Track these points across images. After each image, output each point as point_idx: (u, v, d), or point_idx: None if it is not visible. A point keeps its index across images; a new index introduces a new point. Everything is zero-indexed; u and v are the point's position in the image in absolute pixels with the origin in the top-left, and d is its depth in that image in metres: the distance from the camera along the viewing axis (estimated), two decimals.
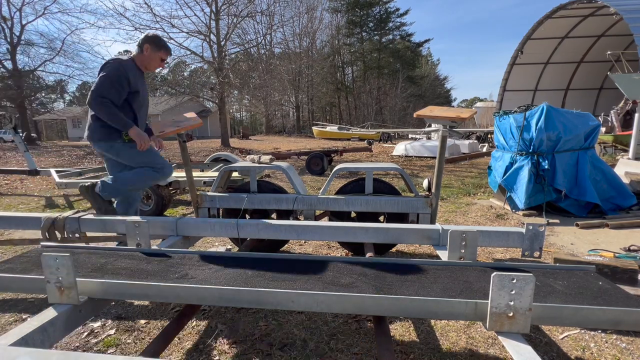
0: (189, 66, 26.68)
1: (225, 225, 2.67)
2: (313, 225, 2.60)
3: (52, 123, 42.72)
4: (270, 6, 20.22)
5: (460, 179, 8.35)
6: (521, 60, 17.64)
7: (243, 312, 2.48)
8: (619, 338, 2.14)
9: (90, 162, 13.27)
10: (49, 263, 1.49)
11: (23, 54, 20.88)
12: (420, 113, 2.86)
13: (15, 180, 8.68)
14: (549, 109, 4.83)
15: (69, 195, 6.94)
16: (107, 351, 2.08)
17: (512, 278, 1.31)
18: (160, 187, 5.00)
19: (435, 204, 3.01)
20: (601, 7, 13.60)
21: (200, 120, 2.89)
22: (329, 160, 10.19)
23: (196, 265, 1.96)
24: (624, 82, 7.24)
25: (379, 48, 44.96)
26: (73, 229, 2.71)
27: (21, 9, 19.88)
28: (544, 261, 3.05)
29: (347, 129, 27.35)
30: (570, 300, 1.53)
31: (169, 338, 1.66)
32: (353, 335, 2.19)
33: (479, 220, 4.86)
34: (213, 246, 3.85)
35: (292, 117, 45.87)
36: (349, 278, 1.77)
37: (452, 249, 2.06)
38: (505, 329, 1.36)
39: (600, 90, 19.01)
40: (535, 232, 2.26)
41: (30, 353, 0.98)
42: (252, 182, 3.30)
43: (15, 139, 7.44)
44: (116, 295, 1.64)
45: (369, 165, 3.39)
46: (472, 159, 12.84)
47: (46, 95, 38.01)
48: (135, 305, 2.60)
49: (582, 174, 4.80)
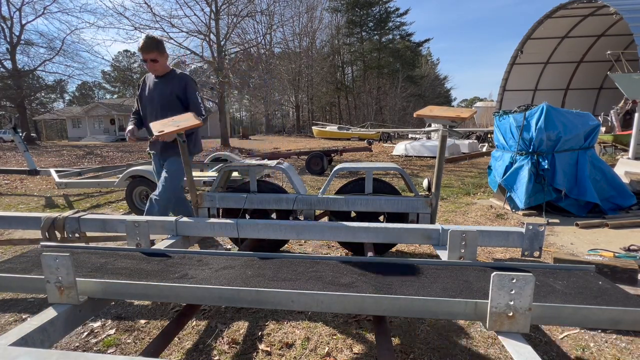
0: (188, 66, 26.69)
1: (225, 225, 2.67)
2: (313, 225, 2.60)
3: (52, 123, 42.71)
4: (270, 6, 20.25)
5: (460, 179, 8.35)
6: (521, 60, 17.64)
7: (243, 312, 2.48)
8: (618, 338, 2.14)
9: (90, 162, 13.27)
10: (49, 263, 1.49)
11: (23, 53, 20.91)
12: (420, 113, 2.85)
13: (15, 180, 8.69)
14: (548, 108, 4.83)
15: (68, 195, 6.94)
16: (107, 351, 2.08)
17: (512, 278, 1.31)
18: None
19: (435, 204, 3.01)
20: (601, 6, 13.59)
21: (200, 120, 2.88)
22: (329, 160, 10.19)
23: (196, 265, 1.96)
24: (623, 81, 7.23)
25: (378, 48, 44.96)
26: (73, 228, 2.71)
27: (21, 8, 19.89)
28: (543, 261, 3.05)
29: (347, 129, 27.33)
30: (570, 300, 1.53)
31: (168, 338, 1.66)
32: (353, 335, 2.20)
33: (479, 220, 4.86)
34: (213, 246, 3.85)
35: (292, 116, 45.88)
36: (349, 278, 1.77)
37: (452, 249, 2.06)
38: (505, 329, 1.36)
39: (600, 90, 19.01)
40: (535, 231, 2.26)
41: (30, 353, 0.98)
42: (252, 182, 3.30)
43: (15, 138, 7.44)
44: (116, 295, 1.65)
45: (369, 165, 3.39)
46: (472, 158, 12.84)
47: (46, 95, 38.05)
48: (135, 305, 2.60)
49: (582, 174, 4.80)
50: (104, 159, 13.97)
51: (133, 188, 5.16)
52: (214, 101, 19.57)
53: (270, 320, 2.38)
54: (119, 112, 32.11)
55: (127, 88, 50.76)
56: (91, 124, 34.28)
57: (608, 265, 2.69)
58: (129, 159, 13.27)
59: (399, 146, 14.41)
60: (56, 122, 42.11)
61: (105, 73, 49.25)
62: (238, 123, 51.33)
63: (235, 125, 46.48)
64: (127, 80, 46.15)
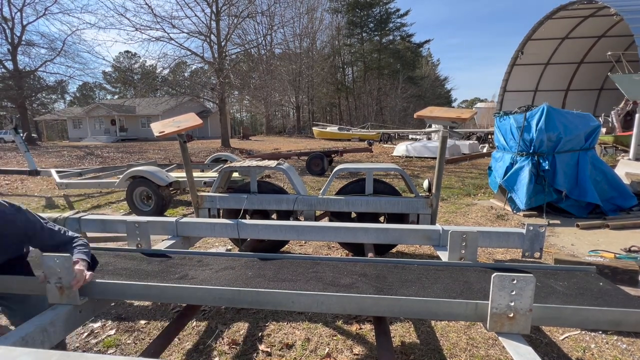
0: (189, 67, 26.75)
1: (226, 225, 2.67)
2: (313, 225, 2.60)
3: (53, 123, 42.75)
4: (271, 7, 20.26)
5: (461, 180, 8.35)
6: (521, 61, 17.62)
7: (243, 313, 2.48)
8: (619, 339, 2.13)
9: (90, 163, 13.28)
10: (49, 263, 1.49)
11: (24, 54, 20.92)
12: (421, 114, 2.86)
13: (15, 180, 8.69)
14: (549, 109, 4.83)
15: (69, 195, 6.94)
16: (107, 351, 2.08)
17: (512, 279, 1.30)
18: (160, 188, 5.01)
19: (435, 205, 3.00)
20: (602, 7, 13.58)
21: (201, 121, 2.89)
22: (329, 161, 10.20)
23: (196, 266, 1.96)
24: (624, 82, 7.23)
25: (379, 49, 44.97)
26: (73, 229, 2.71)
27: (22, 9, 19.91)
28: (544, 262, 3.05)
29: (347, 130, 27.32)
30: (571, 301, 1.53)
31: (169, 338, 1.66)
32: (353, 336, 2.19)
33: (480, 221, 4.86)
34: (213, 247, 3.85)
35: (292, 117, 45.88)
36: (349, 278, 1.77)
37: (453, 250, 2.06)
38: (505, 330, 1.36)
39: (601, 90, 18.98)
40: (536, 232, 2.26)
41: (30, 353, 0.97)
42: (253, 182, 3.30)
43: (15, 139, 7.45)
44: (116, 296, 1.64)
45: (369, 165, 3.39)
46: (472, 159, 12.83)
47: (47, 96, 38.12)
48: (135, 305, 2.60)
49: (583, 175, 4.80)
50: (104, 160, 13.98)
51: (133, 189, 5.16)
52: (215, 102, 19.58)
53: (270, 321, 2.38)
54: (120, 113, 32.17)
55: (127, 89, 50.86)
56: (92, 125, 34.33)
57: (609, 266, 2.69)
58: (130, 160, 13.29)
59: (400, 147, 14.40)
60: (57, 122, 42.17)
61: (106, 74, 49.36)
62: (238, 123, 51.32)
63: (236, 125, 46.50)
64: (128, 81, 46.21)
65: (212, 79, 17.30)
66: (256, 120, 56.73)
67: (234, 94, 24.06)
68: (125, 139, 29.77)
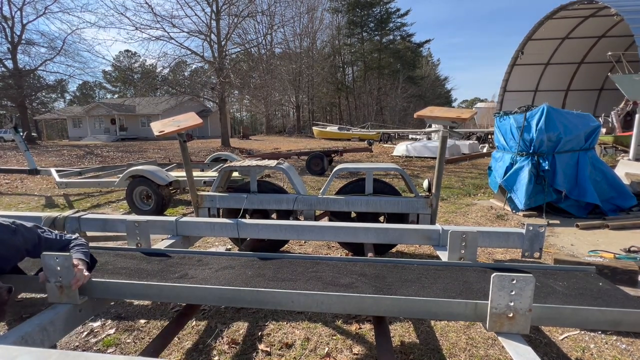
0: (189, 66, 26.72)
1: (226, 225, 2.67)
2: (313, 225, 2.60)
3: (53, 122, 42.72)
4: (271, 6, 20.27)
5: (461, 180, 8.35)
6: (522, 61, 17.62)
7: (243, 312, 2.48)
8: (619, 339, 2.14)
9: (90, 162, 13.27)
10: (49, 262, 1.49)
11: (24, 53, 20.88)
12: (421, 113, 2.86)
13: (15, 179, 8.69)
14: (549, 109, 4.83)
15: (69, 194, 6.94)
16: (106, 351, 2.08)
17: (512, 279, 1.31)
18: (160, 187, 5.01)
19: (435, 205, 3.01)
20: (602, 7, 13.58)
21: (201, 120, 2.89)
22: (329, 161, 10.19)
23: (196, 265, 1.96)
24: (624, 83, 7.24)
25: (379, 48, 44.95)
26: (73, 228, 2.71)
27: (22, 8, 19.89)
28: (544, 262, 3.05)
29: (347, 129, 27.31)
30: (570, 301, 1.53)
31: (168, 338, 1.66)
32: (353, 336, 2.19)
33: (479, 221, 4.86)
34: (213, 246, 3.85)
35: (292, 117, 45.85)
36: (348, 278, 1.77)
37: (452, 250, 2.06)
38: (505, 330, 1.36)
39: (601, 91, 18.98)
40: (536, 232, 2.26)
41: (30, 353, 0.97)
42: (252, 182, 3.30)
43: (15, 138, 7.45)
44: (116, 295, 1.65)
45: (369, 165, 3.39)
46: (472, 159, 12.83)
47: (47, 95, 38.07)
48: (135, 305, 2.60)
49: (583, 175, 4.80)
50: (104, 159, 13.98)
51: (133, 188, 5.16)
52: (215, 101, 19.58)
53: (270, 320, 2.38)
54: (120, 112, 32.16)
55: (127, 88, 50.84)
56: (92, 124, 34.31)
57: (608, 267, 2.69)
58: (130, 159, 13.28)
59: (400, 147, 14.40)
60: (57, 121, 42.13)
61: (106, 73, 49.31)
62: (238, 123, 51.30)
63: (236, 125, 46.48)
64: (128, 80, 46.17)
65: (212, 78, 17.29)
66: (256, 120, 56.70)
67: (234, 94, 24.05)
68: (125, 138, 29.76)
